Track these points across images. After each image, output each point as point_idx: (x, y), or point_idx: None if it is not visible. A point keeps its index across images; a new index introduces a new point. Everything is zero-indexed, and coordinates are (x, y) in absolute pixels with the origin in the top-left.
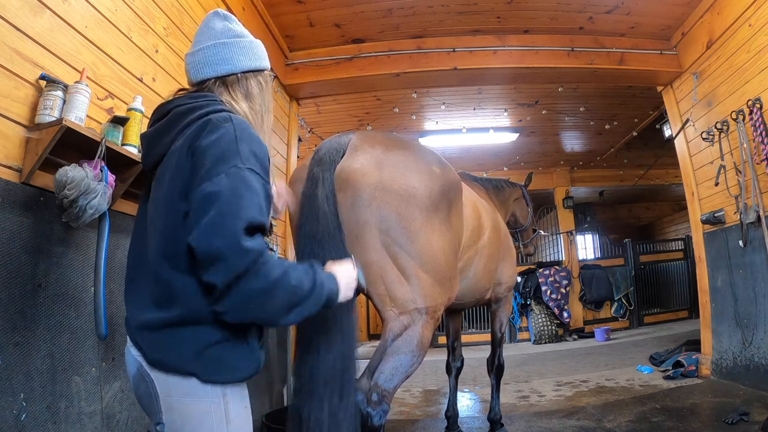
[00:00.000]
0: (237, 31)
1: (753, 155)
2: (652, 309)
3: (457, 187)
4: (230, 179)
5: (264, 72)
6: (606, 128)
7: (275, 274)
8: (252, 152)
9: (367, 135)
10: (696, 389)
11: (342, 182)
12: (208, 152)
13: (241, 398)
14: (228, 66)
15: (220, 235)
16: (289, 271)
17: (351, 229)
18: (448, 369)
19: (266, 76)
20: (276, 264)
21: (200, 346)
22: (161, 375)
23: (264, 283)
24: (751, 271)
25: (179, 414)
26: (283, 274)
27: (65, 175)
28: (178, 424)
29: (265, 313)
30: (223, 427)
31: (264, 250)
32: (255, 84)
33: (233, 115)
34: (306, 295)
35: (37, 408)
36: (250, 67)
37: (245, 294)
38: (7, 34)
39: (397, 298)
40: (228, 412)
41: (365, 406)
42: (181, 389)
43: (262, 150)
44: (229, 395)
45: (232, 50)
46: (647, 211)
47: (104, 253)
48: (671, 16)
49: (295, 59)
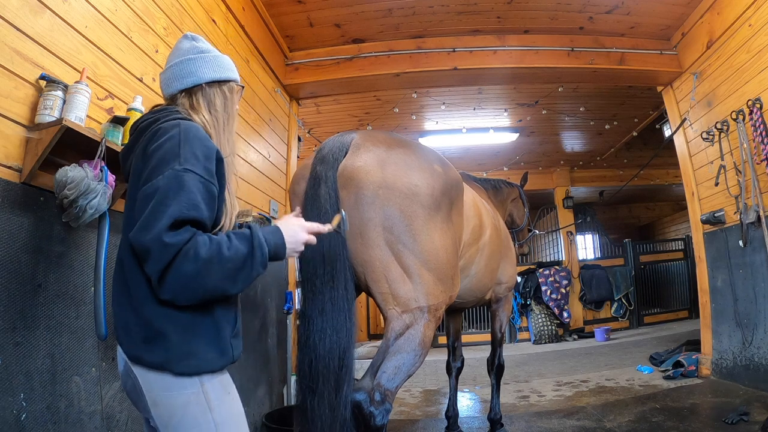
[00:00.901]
0: (202, 48)
1: (753, 155)
2: (652, 309)
3: (458, 186)
4: (165, 180)
5: (229, 83)
6: (606, 128)
7: (204, 253)
8: (193, 154)
9: (369, 134)
10: (696, 389)
11: (345, 180)
12: (153, 156)
13: (223, 386)
14: (192, 78)
15: (147, 231)
16: (222, 245)
17: (354, 227)
18: (449, 369)
19: (231, 86)
20: (205, 243)
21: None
22: (142, 371)
23: (194, 265)
24: (751, 271)
25: (164, 408)
26: (214, 251)
27: (65, 175)
28: (166, 418)
29: (211, 288)
30: (207, 416)
31: (191, 239)
32: (218, 93)
33: (183, 121)
34: (245, 259)
35: (37, 408)
36: (213, 78)
37: (179, 279)
38: (7, 34)
39: (399, 296)
40: (209, 400)
41: (368, 406)
42: (160, 384)
43: (205, 151)
44: (208, 384)
45: (196, 64)
46: (647, 211)
47: (104, 253)
48: (671, 16)
49: (295, 59)
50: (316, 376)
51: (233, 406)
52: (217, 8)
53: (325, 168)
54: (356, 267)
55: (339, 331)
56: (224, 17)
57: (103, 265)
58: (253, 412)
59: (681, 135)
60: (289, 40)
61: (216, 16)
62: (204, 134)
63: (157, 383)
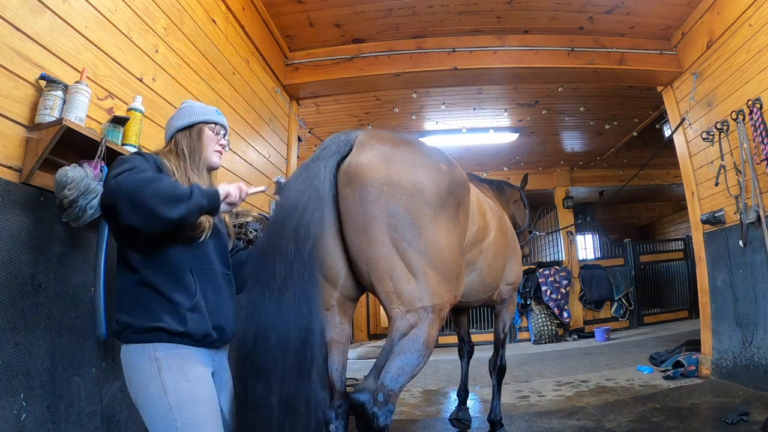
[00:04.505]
0: (183, 106)
1: (753, 155)
2: (652, 309)
3: (465, 185)
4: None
5: (194, 126)
6: (606, 128)
7: (142, 176)
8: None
9: (374, 132)
10: (696, 389)
11: (350, 177)
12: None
13: (182, 369)
14: (170, 131)
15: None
16: (162, 178)
17: (358, 224)
18: (461, 353)
19: (197, 128)
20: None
21: (124, 289)
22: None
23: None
24: (751, 271)
25: (133, 386)
26: (152, 178)
27: (65, 175)
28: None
29: (155, 196)
30: (162, 398)
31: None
32: (182, 136)
33: (133, 155)
34: (182, 196)
35: (37, 408)
36: (180, 126)
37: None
38: (7, 34)
39: (404, 295)
40: (164, 382)
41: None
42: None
43: (136, 164)
44: (163, 363)
45: (173, 119)
46: (647, 211)
47: (104, 253)
48: (671, 16)
49: (295, 59)
50: (265, 355)
51: (193, 395)
52: (217, 8)
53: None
54: (360, 265)
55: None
56: (224, 17)
57: (103, 265)
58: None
59: (681, 135)
60: (289, 40)
61: (216, 16)
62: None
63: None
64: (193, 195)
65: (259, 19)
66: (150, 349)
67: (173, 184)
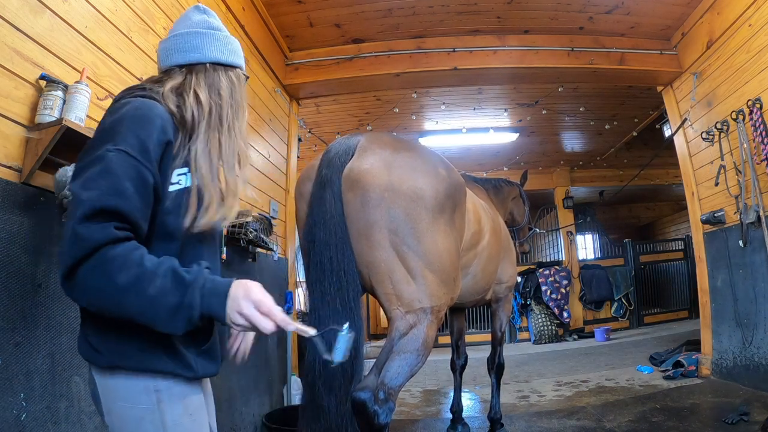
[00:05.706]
0: (214, 24)
1: (753, 155)
2: (652, 309)
3: (461, 190)
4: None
5: (236, 69)
6: (606, 128)
7: (122, 279)
8: (134, 134)
9: (375, 137)
10: (696, 389)
11: (352, 182)
12: (94, 135)
13: (184, 402)
14: (196, 54)
15: (68, 217)
16: (147, 279)
17: (359, 229)
18: (453, 366)
19: (238, 74)
20: (126, 264)
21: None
22: (98, 373)
23: (104, 282)
24: (751, 271)
25: (117, 417)
26: (133, 281)
27: (65, 175)
28: (117, 428)
29: (129, 314)
30: None
31: (109, 240)
32: (224, 78)
33: (135, 99)
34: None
35: (37, 408)
36: (220, 60)
37: (85, 289)
38: (7, 34)
39: (403, 297)
40: (164, 418)
41: (372, 405)
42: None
43: (146, 133)
44: (164, 395)
45: (204, 40)
46: (647, 211)
47: None
48: (671, 16)
49: (295, 59)
50: (332, 376)
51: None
52: (217, 8)
53: (331, 171)
54: (361, 268)
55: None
56: (224, 17)
57: None
58: (253, 412)
59: (681, 135)
60: (289, 40)
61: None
62: (153, 113)
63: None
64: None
65: (259, 19)
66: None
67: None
